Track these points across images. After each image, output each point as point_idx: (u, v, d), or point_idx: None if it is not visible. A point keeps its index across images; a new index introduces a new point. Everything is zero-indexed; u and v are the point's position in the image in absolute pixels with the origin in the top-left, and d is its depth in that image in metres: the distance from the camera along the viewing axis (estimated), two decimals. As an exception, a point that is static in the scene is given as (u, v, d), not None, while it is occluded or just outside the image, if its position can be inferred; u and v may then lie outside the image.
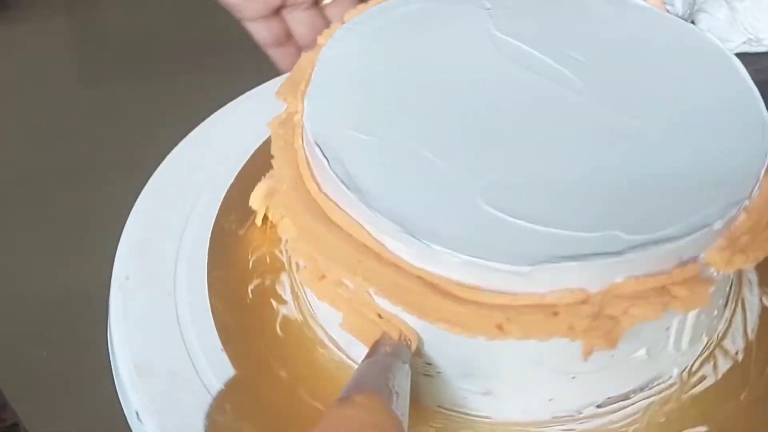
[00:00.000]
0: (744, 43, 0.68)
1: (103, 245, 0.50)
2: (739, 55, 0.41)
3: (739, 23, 0.67)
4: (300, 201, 0.39)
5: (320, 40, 0.45)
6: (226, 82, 0.64)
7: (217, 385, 0.40)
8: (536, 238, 0.35)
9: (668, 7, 0.58)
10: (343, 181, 0.37)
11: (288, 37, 0.59)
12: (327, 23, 0.57)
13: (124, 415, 0.42)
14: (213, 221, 0.47)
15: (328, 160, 0.38)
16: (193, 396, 0.40)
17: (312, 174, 0.39)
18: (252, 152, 0.50)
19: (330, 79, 0.41)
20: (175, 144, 0.51)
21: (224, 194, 0.48)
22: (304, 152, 0.40)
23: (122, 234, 0.47)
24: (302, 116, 0.41)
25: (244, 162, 0.50)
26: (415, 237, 0.35)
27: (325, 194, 0.38)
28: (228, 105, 0.53)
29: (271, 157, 0.42)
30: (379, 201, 0.36)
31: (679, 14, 0.69)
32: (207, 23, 0.59)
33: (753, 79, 0.40)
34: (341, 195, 0.37)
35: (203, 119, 0.52)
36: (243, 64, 0.70)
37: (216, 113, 0.53)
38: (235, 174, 0.49)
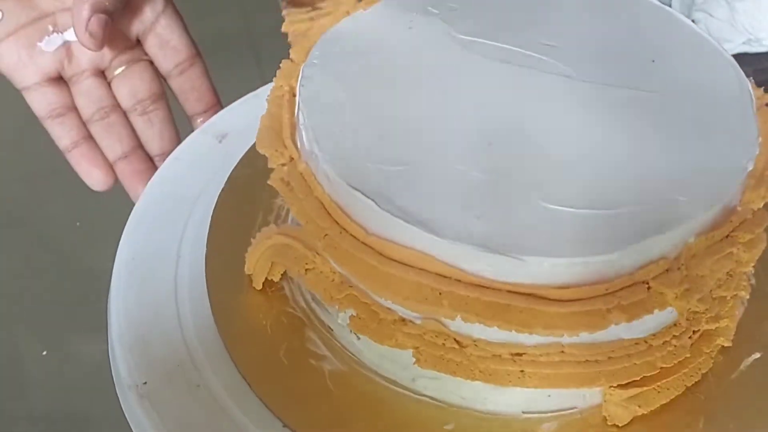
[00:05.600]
0: (744, 43, 0.68)
1: (102, 245, 0.50)
2: (739, 56, 0.42)
3: (739, 23, 0.67)
4: (352, 248, 0.37)
5: (277, 81, 0.43)
6: (226, 82, 0.62)
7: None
8: (608, 223, 0.35)
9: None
10: (400, 218, 0.35)
11: (69, 108, 0.54)
12: (112, 95, 0.54)
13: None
14: (205, 292, 0.44)
15: (375, 201, 0.36)
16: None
17: (352, 219, 0.37)
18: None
19: (319, 118, 0.39)
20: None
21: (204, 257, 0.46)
22: (330, 199, 0.38)
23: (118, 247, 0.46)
24: (309, 163, 0.39)
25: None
26: (500, 254, 0.34)
27: (377, 235, 0.37)
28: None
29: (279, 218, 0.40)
30: (445, 227, 0.35)
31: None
32: (207, 23, 0.56)
33: (753, 79, 0.41)
34: (401, 232, 0.36)
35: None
36: (243, 64, 0.66)
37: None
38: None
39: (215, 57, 1.45)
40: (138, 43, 0.55)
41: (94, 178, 0.53)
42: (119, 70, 0.54)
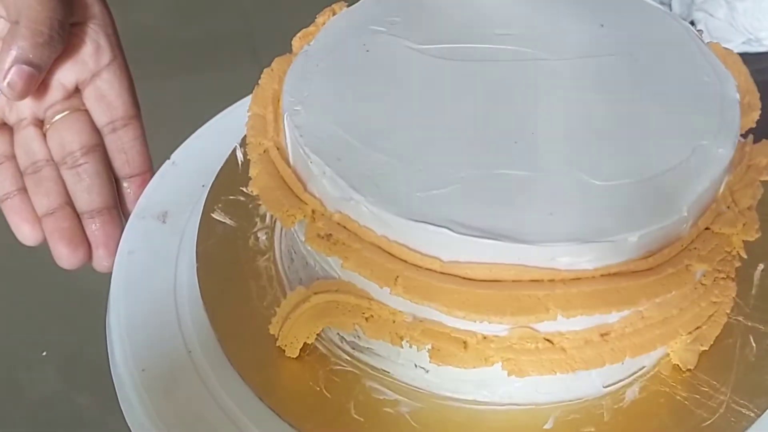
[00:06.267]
0: (744, 43, 0.68)
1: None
2: (739, 56, 0.43)
3: (739, 23, 0.67)
4: (433, 281, 0.36)
5: (251, 139, 0.41)
6: (226, 82, 0.63)
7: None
8: (659, 186, 0.37)
9: (664, 8, 0.58)
10: (482, 237, 0.35)
11: (7, 157, 0.53)
12: (45, 145, 0.52)
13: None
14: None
15: (449, 228, 0.35)
16: None
17: (423, 253, 0.36)
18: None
19: (339, 163, 0.37)
20: (176, 145, 0.51)
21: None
22: (389, 240, 0.36)
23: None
24: (345, 210, 0.37)
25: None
26: (591, 242, 0.35)
27: (454, 261, 0.36)
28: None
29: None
30: (529, 233, 0.35)
31: (678, 14, 0.68)
32: (207, 23, 0.55)
33: (753, 79, 0.42)
34: (483, 250, 0.35)
35: (203, 119, 0.52)
36: (243, 64, 0.63)
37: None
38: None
39: (215, 57, 1.36)
40: (78, 91, 0.52)
41: (23, 233, 0.51)
42: (57, 117, 0.52)
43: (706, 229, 0.37)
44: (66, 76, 0.51)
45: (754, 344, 0.42)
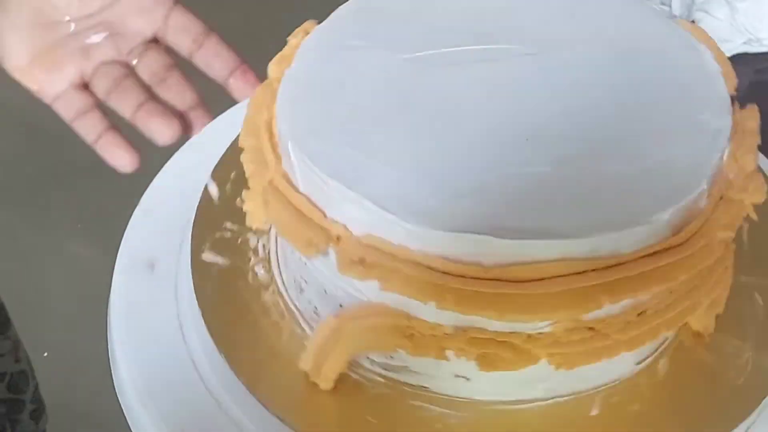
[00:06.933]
0: (744, 43, 0.66)
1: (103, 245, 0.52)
2: (739, 56, 0.43)
3: (740, 23, 0.66)
4: (481, 288, 0.35)
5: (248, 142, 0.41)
6: None
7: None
8: (669, 170, 0.38)
9: (665, 8, 0.56)
10: (528, 238, 0.35)
11: (92, 107, 0.56)
12: (125, 69, 0.56)
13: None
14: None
15: (492, 235, 0.35)
16: None
17: (464, 262, 0.36)
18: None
19: (364, 187, 0.37)
20: (175, 146, 0.52)
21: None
22: (426, 254, 0.36)
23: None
24: (375, 231, 0.36)
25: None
26: (631, 226, 0.35)
27: (497, 265, 0.35)
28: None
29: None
30: (570, 228, 0.35)
31: (677, 15, 0.67)
32: (207, 23, 0.55)
33: (753, 79, 0.43)
34: (529, 249, 0.35)
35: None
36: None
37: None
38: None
39: None
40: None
41: (121, 159, 0.54)
42: (134, 62, 0.56)
43: (721, 198, 0.38)
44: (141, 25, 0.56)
45: (760, 300, 0.44)
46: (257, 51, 0.52)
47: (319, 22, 0.44)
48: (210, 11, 0.60)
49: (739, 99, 0.40)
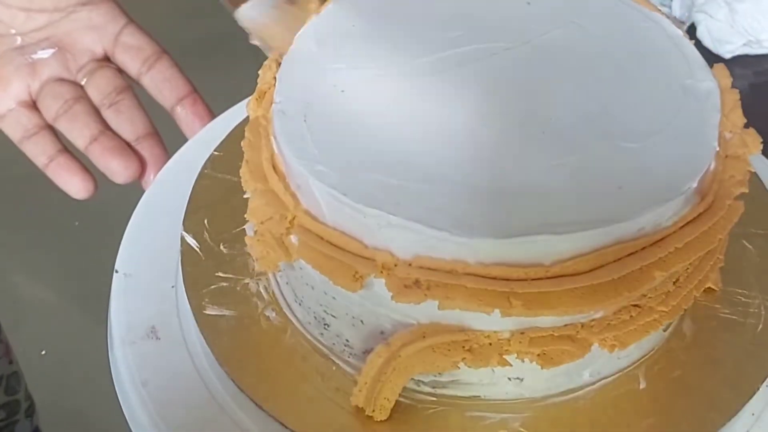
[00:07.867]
0: (744, 45, 0.66)
1: (102, 245, 0.52)
2: (739, 57, 0.43)
3: (739, 25, 0.65)
4: (548, 288, 0.35)
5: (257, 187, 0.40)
6: (227, 82, 0.64)
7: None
8: (675, 160, 0.38)
9: (665, 9, 0.54)
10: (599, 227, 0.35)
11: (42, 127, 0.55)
12: (76, 89, 0.54)
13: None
14: None
15: (549, 233, 0.35)
16: None
17: (525, 265, 0.35)
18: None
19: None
20: (176, 144, 0.51)
21: None
22: (484, 265, 0.35)
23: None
24: (438, 254, 0.35)
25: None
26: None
27: (558, 263, 0.35)
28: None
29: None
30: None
31: (677, 16, 0.66)
32: (208, 23, 0.52)
33: (753, 81, 0.43)
34: (586, 240, 0.35)
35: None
36: (243, 64, 0.62)
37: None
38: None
39: (215, 57, 1.34)
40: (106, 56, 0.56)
41: (74, 186, 0.53)
42: (86, 78, 0.55)
43: (726, 156, 0.40)
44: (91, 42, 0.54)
45: (751, 247, 0.46)
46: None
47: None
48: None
49: (741, 101, 0.41)
